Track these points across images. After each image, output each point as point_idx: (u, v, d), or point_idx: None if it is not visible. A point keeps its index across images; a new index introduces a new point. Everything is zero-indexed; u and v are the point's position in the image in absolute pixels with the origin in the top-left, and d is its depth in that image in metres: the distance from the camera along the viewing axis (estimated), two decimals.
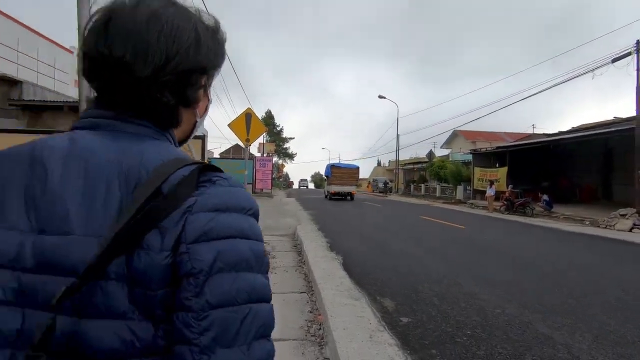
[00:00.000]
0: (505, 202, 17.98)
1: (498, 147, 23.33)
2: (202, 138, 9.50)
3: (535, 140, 20.95)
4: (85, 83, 6.48)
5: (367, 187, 50.39)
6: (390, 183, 36.06)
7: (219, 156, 43.34)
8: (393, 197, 33.63)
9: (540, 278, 5.29)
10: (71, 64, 15.90)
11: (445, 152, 44.24)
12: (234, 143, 55.18)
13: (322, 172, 32.13)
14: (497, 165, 22.47)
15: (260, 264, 0.49)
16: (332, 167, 25.67)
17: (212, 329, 0.43)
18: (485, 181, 22.79)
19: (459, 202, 25.27)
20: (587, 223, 13.83)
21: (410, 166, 41.73)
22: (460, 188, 26.48)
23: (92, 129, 0.53)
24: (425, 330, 3.42)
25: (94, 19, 0.53)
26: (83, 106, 8.24)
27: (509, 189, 20.54)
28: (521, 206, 17.18)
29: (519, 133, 47.21)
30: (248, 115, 8.49)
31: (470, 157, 32.43)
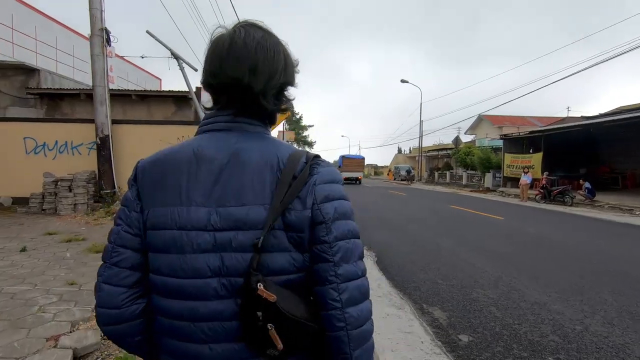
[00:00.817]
0: (541, 191, 16.78)
1: (532, 132, 21.83)
2: None
3: (574, 124, 19.38)
4: (98, 72, 5.91)
5: (388, 174, 49.30)
6: (413, 171, 34.88)
7: None
8: (416, 185, 32.57)
9: (616, 280, 4.49)
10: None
11: (470, 138, 42.54)
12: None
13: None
14: (531, 150, 21.07)
15: (353, 214, 0.77)
16: (343, 158, 32.10)
17: (339, 252, 0.71)
18: (517, 168, 21.52)
19: (488, 190, 24.04)
20: (638, 213, 12.61)
21: (434, 153, 40.31)
22: (489, 175, 25.17)
23: (228, 130, 0.76)
24: (494, 356, 2.76)
25: (216, 47, 0.75)
26: (101, 93, 7.84)
27: (545, 176, 19.29)
28: (560, 194, 15.97)
29: (549, 117, 44.79)
30: None
31: (498, 143, 30.97)
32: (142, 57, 9.34)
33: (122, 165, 8.30)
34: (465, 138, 45.46)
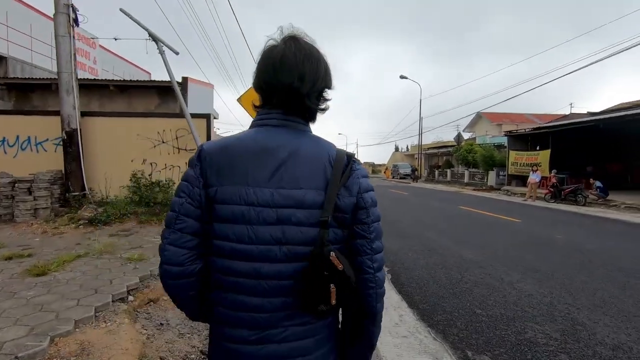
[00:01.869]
0: (551, 190, 15.92)
1: (539, 128, 20.98)
2: (207, 117, 7.93)
3: (585, 119, 18.53)
4: (64, 56, 5.09)
5: (385, 172, 48.43)
6: (416, 169, 33.92)
7: None
8: (416, 183, 31.69)
9: None
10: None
11: (468, 135, 41.80)
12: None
13: None
14: (538, 147, 20.21)
15: (377, 205, 0.94)
16: None
17: (374, 232, 0.90)
18: (522, 165, 20.67)
19: (492, 188, 23.19)
20: None
21: (434, 150, 39.45)
22: (492, 173, 24.31)
23: (282, 127, 0.90)
24: None
25: (269, 57, 0.90)
26: (66, 80, 6.77)
27: (553, 174, 18.45)
28: (571, 194, 15.11)
29: (547, 114, 44.15)
30: None
31: (499, 140, 30.17)
32: (116, 40, 8.28)
33: (94, 163, 7.25)
34: (464, 136, 44.74)
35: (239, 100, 6.78)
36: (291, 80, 0.87)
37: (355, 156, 0.93)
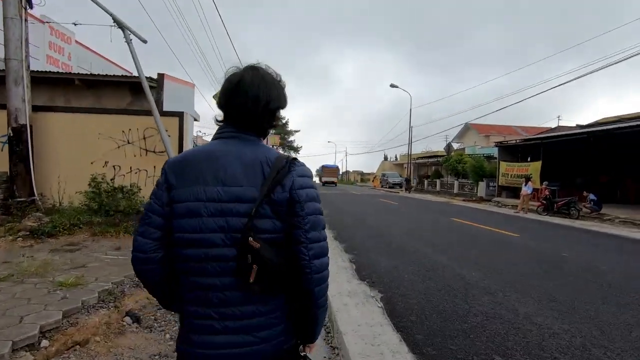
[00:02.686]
0: (543, 202, 15.53)
1: (529, 139, 20.78)
2: (180, 115, 7.12)
3: (575, 131, 18.37)
4: (13, 41, 5.50)
5: (373, 181, 47.98)
6: (404, 179, 33.24)
7: None
8: (406, 193, 31.21)
9: None
10: (42, 34, 13.62)
11: (456, 146, 41.84)
12: None
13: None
14: (529, 159, 19.95)
15: (319, 198, 1.10)
16: (323, 167, 47.57)
17: (309, 223, 1.03)
18: (513, 177, 20.37)
19: (482, 199, 22.80)
20: None
21: (423, 160, 39.20)
22: (482, 184, 23.98)
23: (233, 138, 1.09)
24: None
25: (230, 81, 1.09)
26: (15, 69, 5.89)
27: (544, 186, 18.13)
28: (564, 206, 14.72)
29: (533, 127, 44.66)
30: None
31: (489, 151, 30.09)
32: (75, 24, 7.44)
33: (47, 165, 6.34)
34: (453, 146, 44.75)
35: (215, 96, 6.00)
36: (245, 101, 1.07)
37: (297, 159, 1.11)
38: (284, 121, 56.82)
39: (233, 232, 1.00)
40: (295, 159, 1.09)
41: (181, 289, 1.07)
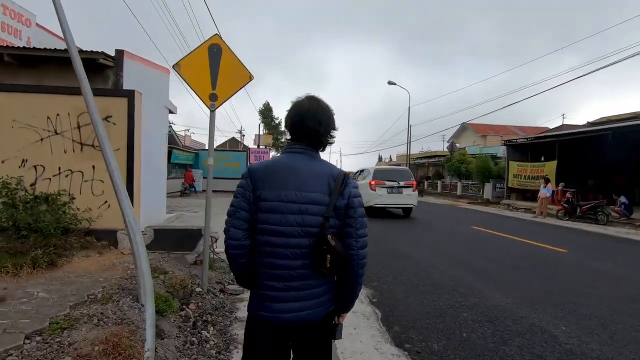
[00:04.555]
0: (564, 206, 13.97)
1: (543, 136, 19.26)
2: (130, 95, 5.24)
3: (596, 128, 16.88)
4: None
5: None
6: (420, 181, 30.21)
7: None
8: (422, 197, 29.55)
9: None
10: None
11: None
12: (230, 136, 50.67)
13: None
14: (543, 158, 18.42)
15: (363, 205, 1.46)
16: None
17: (359, 223, 1.39)
18: (526, 178, 18.82)
19: (488, 202, 21.29)
20: None
21: (422, 160, 37.66)
22: (488, 186, 22.44)
23: (301, 153, 1.43)
24: None
25: (300, 109, 1.46)
26: None
27: (561, 187, 16.61)
28: (590, 210, 13.16)
29: (531, 127, 43.61)
30: (215, 48, 4.34)
31: (492, 150, 28.65)
32: None
33: None
34: (446, 147, 43.34)
35: (177, 66, 4.20)
36: (313, 124, 1.42)
37: (349, 175, 1.44)
38: (277, 121, 55.18)
39: (307, 226, 1.34)
40: (348, 174, 1.44)
41: (258, 268, 1.40)
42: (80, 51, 6.79)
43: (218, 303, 4.15)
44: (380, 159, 66.61)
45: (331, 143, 1.52)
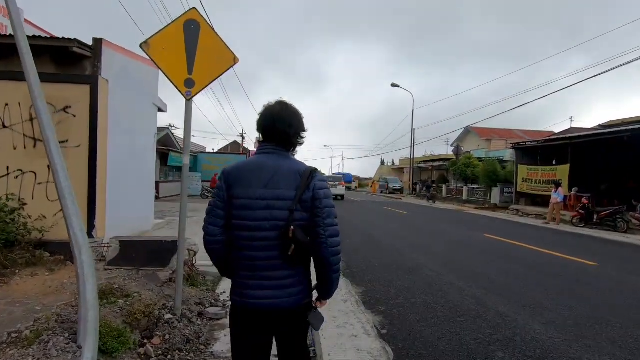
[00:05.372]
0: (580, 212, 13.14)
1: (553, 139, 18.44)
2: (93, 82, 4.50)
3: (613, 130, 16.04)
4: None
5: (372, 186, 45.58)
6: (425, 185, 28.51)
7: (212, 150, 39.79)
8: (409, 199, 28.77)
9: None
10: None
11: (452, 149, 39.79)
12: (231, 140, 49.99)
13: (324, 171, 49.09)
14: (554, 162, 17.60)
15: (331, 197, 1.54)
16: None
17: (326, 214, 1.47)
18: (536, 182, 18.00)
19: (496, 207, 20.44)
20: None
21: (426, 164, 36.87)
22: (495, 190, 21.62)
23: (272, 153, 1.54)
24: None
25: (271, 112, 1.57)
26: None
27: (574, 192, 15.79)
28: (609, 217, 12.33)
29: (537, 131, 42.80)
30: (192, 25, 3.62)
31: (499, 155, 27.83)
32: None
33: None
34: (451, 150, 42.54)
35: (144, 45, 3.46)
36: (283, 127, 1.53)
37: (317, 170, 1.55)
38: None
39: (275, 220, 1.44)
40: (316, 169, 1.54)
41: (235, 260, 1.53)
42: (51, 38, 6.10)
43: (192, 333, 3.38)
44: (382, 162, 65.85)
45: (301, 144, 1.63)
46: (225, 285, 4.63)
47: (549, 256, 7.00)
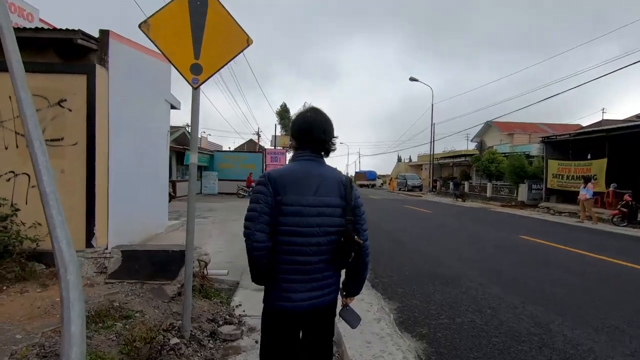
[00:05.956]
0: (622, 210, 12.11)
1: (588, 132, 17.21)
2: (88, 71, 3.99)
3: None
4: None
5: (390, 183, 44.59)
6: (453, 183, 27.18)
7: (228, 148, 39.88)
8: (428, 196, 27.83)
9: None
10: None
11: (473, 145, 38.39)
12: (247, 138, 49.92)
13: (340, 169, 47.81)
14: (589, 156, 16.44)
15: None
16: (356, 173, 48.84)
17: (363, 220, 1.65)
18: (569, 178, 16.87)
19: (524, 205, 19.39)
20: None
21: (446, 160, 35.72)
22: (523, 187, 20.50)
23: (312, 161, 1.61)
24: None
25: (306, 120, 1.65)
26: None
27: (612, 189, 14.69)
28: None
29: (562, 124, 40.85)
30: (198, 1, 3.09)
31: (525, 149, 26.51)
32: None
33: None
34: (471, 146, 41.08)
35: (143, 26, 2.96)
36: (319, 133, 1.60)
37: (352, 180, 1.82)
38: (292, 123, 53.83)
39: (325, 226, 1.52)
40: (351, 179, 1.67)
41: (282, 265, 1.54)
42: (53, 30, 5.70)
43: None
44: (399, 159, 64.61)
45: (333, 150, 1.70)
46: (241, 297, 4.14)
47: (604, 263, 6.21)
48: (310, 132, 1.59)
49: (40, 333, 2.44)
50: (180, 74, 3.09)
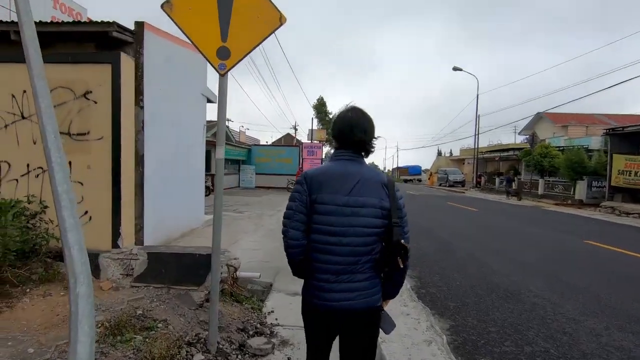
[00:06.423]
0: None
1: None
2: (113, 61, 3.77)
3: None
4: None
5: (429, 178, 42.89)
6: (506, 179, 25.14)
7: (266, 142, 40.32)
8: (471, 192, 26.30)
9: None
10: (43, 8, 11.41)
11: (521, 138, 35.69)
12: (284, 132, 50.19)
13: (378, 163, 46.38)
14: None
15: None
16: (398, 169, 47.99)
17: (405, 222, 1.55)
18: (637, 175, 15.01)
19: (582, 204, 17.61)
20: None
21: (491, 155, 33.63)
22: (581, 184, 18.62)
23: (352, 160, 1.56)
24: None
25: (346, 121, 1.60)
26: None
27: None
28: None
29: (625, 115, 36.84)
30: None
31: (584, 142, 24.16)
32: None
33: None
34: (519, 139, 38.24)
35: (166, 5, 2.64)
36: (360, 134, 1.56)
37: (394, 181, 1.69)
38: (331, 116, 53.11)
39: (360, 227, 1.48)
40: (393, 181, 1.61)
41: (314, 263, 1.54)
42: (88, 23, 5.64)
43: None
44: (439, 153, 62.00)
45: (373, 151, 1.65)
46: (274, 301, 3.84)
47: None
48: (351, 133, 1.57)
49: (53, 346, 2.22)
50: (206, 58, 2.74)
